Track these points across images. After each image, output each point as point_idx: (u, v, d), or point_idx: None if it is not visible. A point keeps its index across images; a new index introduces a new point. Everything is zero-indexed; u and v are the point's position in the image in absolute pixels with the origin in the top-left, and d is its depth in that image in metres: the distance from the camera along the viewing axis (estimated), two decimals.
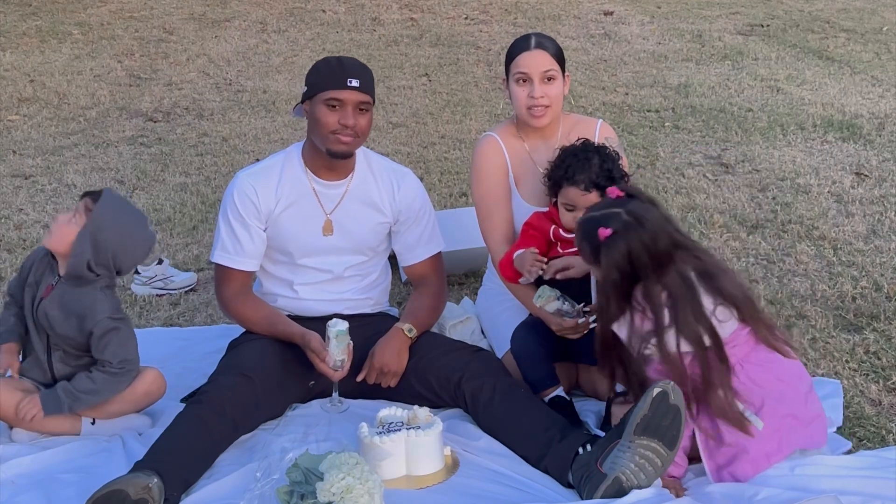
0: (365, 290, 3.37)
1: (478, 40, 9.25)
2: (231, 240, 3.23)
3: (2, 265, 4.46)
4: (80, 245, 2.99)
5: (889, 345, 3.58)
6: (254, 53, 8.81)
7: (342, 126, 3.11)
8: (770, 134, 6.22)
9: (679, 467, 2.76)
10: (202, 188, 5.44)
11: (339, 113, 3.11)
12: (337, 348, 3.05)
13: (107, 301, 3.07)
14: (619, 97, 7.23)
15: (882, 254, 4.36)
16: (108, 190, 3.10)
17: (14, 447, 3.02)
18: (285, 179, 3.24)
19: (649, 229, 2.73)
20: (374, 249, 3.35)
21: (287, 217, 3.23)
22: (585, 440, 2.82)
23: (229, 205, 3.23)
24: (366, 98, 3.14)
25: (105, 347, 3.03)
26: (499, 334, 3.46)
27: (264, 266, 3.33)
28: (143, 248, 3.12)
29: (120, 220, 3.04)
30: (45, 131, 6.63)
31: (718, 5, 10.55)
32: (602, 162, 3.17)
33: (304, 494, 2.63)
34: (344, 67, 3.14)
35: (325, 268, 3.29)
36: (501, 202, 3.46)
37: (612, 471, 2.63)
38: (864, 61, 8.09)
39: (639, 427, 2.63)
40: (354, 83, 3.10)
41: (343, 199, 3.27)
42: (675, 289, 2.69)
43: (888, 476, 2.69)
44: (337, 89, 3.10)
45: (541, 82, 3.35)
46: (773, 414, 2.71)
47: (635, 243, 2.71)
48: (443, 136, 6.37)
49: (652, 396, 2.62)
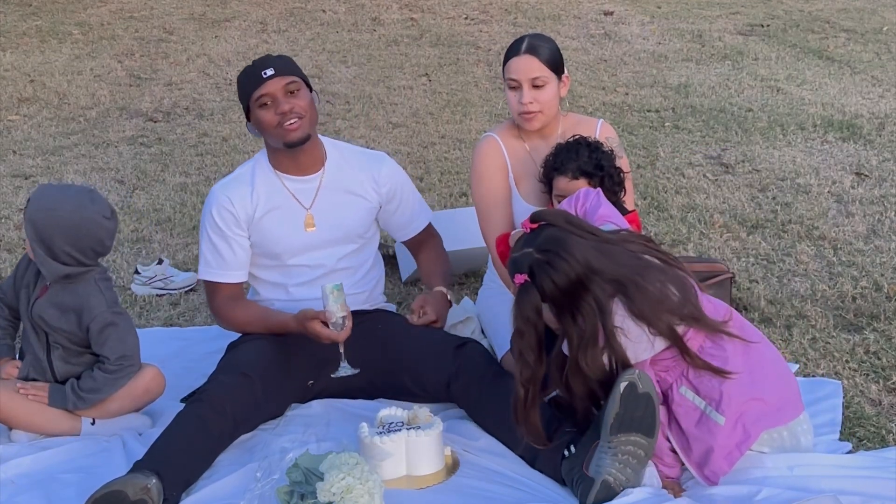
0: (359, 284, 3.38)
1: (478, 40, 9.25)
2: (213, 255, 3.25)
3: (2, 265, 4.47)
4: (36, 253, 3.00)
5: (889, 345, 3.58)
6: (254, 53, 8.80)
7: (280, 115, 3.14)
8: (770, 134, 6.21)
9: (673, 468, 2.75)
10: (202, 188, 5.44)
11: (273, 106, 3.15)
12: (335, 305, 3.00)
13: (102, 294, 3.06)
14: (619, 97, 7.23)
15: (882, 254, 4.36)
16: (38, 188, 3.09)
17: (14, 447, 3.02)
18: (258, 184, 3.26)
19: (559, 265, 2.62)
20: (362, 236, 3.36)
21: (268, 221, 3.25)
22: (569, 440, 2.80)
23: (208, 221, 3.25)
24: (288, 80, 3.16)
25: (104, 343, 3.03)
26: (499, 334, 3.46)
27: (256, 274, 3.34)
28: (94, 222, 2.99)
29: (52, 211, 2.97)
30: (45, 131, 6.63)
31: (718, 5, 10.55)
32: (591, 152, 3.21)
33: (304, 494, 2.63)
34: (255, 66, 3.20)
35: (316, 263, 3.29)
36: (501, 203, 3.46)
37: (598, 474, 2.62)
38: (864, 61, 8.09)
39: (614, 426, 2.62)
40: (269, 72, 3.14)
41: (319, 192, 3.28)
42: (588, 321, 2.62)
43: (888, 476, 2.69)
44: (257, 87, 3.15)
45: (529, 88, 3.35)
46: (733, 404, 2.68)
47: (547, 284, 2.62)
48: (443, 136, 6.37)
49: (620, 393, 2.61)
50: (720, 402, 2.68)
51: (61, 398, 3.04)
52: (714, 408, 2.68)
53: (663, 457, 2.74)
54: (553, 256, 2.63)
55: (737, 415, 2.69)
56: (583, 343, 2.63)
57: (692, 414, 2.71)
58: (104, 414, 3.11)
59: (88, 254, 3.02)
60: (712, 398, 2.69)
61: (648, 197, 5.13)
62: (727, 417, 2.67)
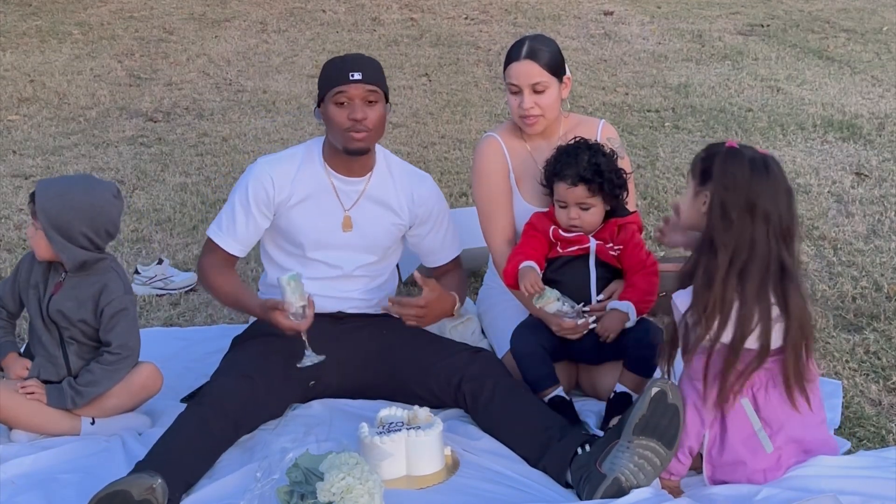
0: (372, 292, 3.36)
1: (478, 40, 9.25)
2: (228, 220, 3.25)
3: (2, 265, 4.46)
4: (57, 243, 3.01)
5: (889, 345, 3.58)
6: (254, 53, 8.81)
7: (352, 121, 3.11)
8: (770, 134, 6.22)
9: (682, 465, 2.74)
10: (202, 188, 5.44)
11: (348, 108, 3.12)
12: (293, 295, 2.99)
13: (120, 279, 3.12)
14: (619, 97, 7.23)
15: (882, 254, 4.36)
16: (41, 182, 3.11)
17: (14, 447, 3.02)
18: (304, 172, 3.25)
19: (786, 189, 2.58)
20: (385, 250, 3.35)
21: (301, 210, 3.23)
22: (584, 440, 2.81)
23: (241, 188, 3.25)
24: (372, 88, 3.13)
25: (112, 328, 3.05)
26: (499, 334, 3.46)
27: (273, 256, 3.34)
28: (106, 201, 3.06)
29: (64, 197, 3.02)
30: (45, 131, 6.63)
31: (718, 5, 10.55)
32: (591, 157, 3.19)
33: (304, 494, 2.63)
34: (346, 62, 3.17)
35: (335, 263, 3.29)
36: (503, 203, 3.46)
37: (612, 471, 2.62)
38: (864, 61, 8.09)
39: (637, 427, 2.62)
40: (357, 76, 3.11)
41: (361, 197, 3.27)
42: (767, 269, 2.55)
43: (888, 476, 2.69)
44: (340, 84, 3.11)
45: (530, 93, 3.35)
46: (785, 437, 2.70)
47: (763, 182, 2.56)
48: (443, 136, 6.37)
49: (651, 396, 2.61)
50: (777, 431, 2.68)
51: (59, 397, 3.04)
52: (768, 434, 2.68)
53: (677, 453, 2.72)
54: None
55: (781, 448, 2.69)
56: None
57: (743, 428, 2.68)
58: (102, 411, 3.11)
59: (103, 235, 3.06)
60: (771, 424, 2.68)
61: (648, 197, 5.13)
62: (774, 447, 2.68)
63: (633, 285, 3.22)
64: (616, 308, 3.16)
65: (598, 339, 3.16)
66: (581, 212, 3.20)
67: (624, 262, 3.25)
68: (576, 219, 3.21)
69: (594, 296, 3.23)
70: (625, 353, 3.15)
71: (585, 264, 3.24)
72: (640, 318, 3.18)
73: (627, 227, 3.25)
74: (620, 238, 3.24)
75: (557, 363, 3.22)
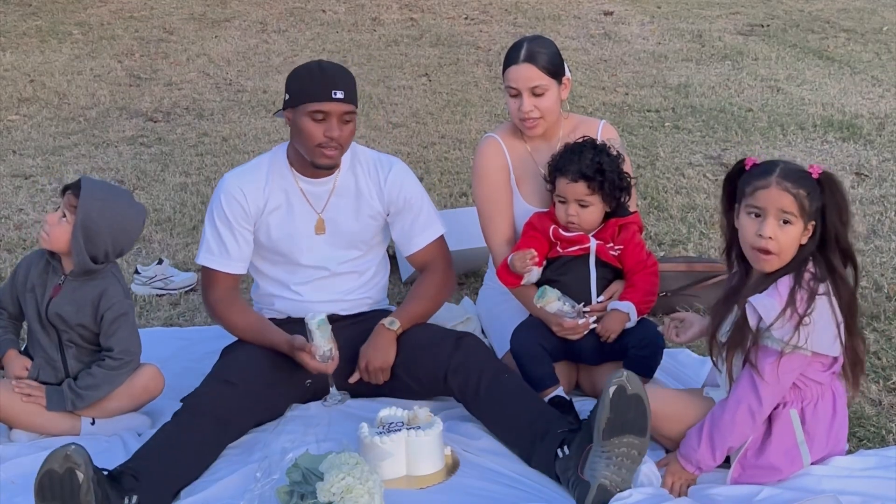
0: (363, 289, 3.36)
1: (478, 40, 9.25)
2: (216, 242, 3.21)
3: (2, 265, 4.46)
4: (77, 243, 3.00)
5: (889, 345, 3.58)
6: (254, 53, 8.81)
7: (328, 139, 3.08)
8: (770, 134, 6.22)
9: (713, 462, 2.73)
10: (202, 188, 5.44)
11: (325, 125, 3.07)
12: (321, 339, 3.03)
13: (119, 283, 3.12)
14: (619, 97, 7.23)
15: (882, 254, 4.36)
16: (86, 178, 3.09)
17: (14, 447, 3.02)
18: (273, 179, 3.23)
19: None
20: (367, 243, 3.33)
21: (277, 218, 3.23)
22: (561, 439, 2.79)
23: (216, 207, 3.22)
24: (350, 108, 3.09)
25: (113, 334, 3.05)
26: (499, 334, 3.46)
27: (260, 267, 3.33)
28: (137, 225, 3.11)
29: (107, 205, 3.03)
30: (45, 131, 6.63)
31: (718, 5, 10.55)
32: (595, 156, 3.19)
33: (304, 494, 2.63)
34: (327, 77, 3.08)
35: (321, 265, 3.28)
36: (503, 204, 3.46)
37: (594, 479, 2.62)
38: (864, 61, 8.09)
39: (606, 432, 2.61)
40: (339, 94, 3.05)
41: (332, 196, 3.26)
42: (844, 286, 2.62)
43: (888, 476, 2.70)
44: (322, 101, 3.06)
45: (529, 96, 3.34)
46: (822, 449, 2.74)
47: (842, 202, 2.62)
48: (443, 136, 6.37)
49: (609, 397, 2.60)
50: (816, 445, 2.71)
51: (59, 400, 3.04)
52: (809, 446, 2.70)
53: (714, 450, 2.70)
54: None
55: (815, 457, 2.74)
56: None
57: (786, 438, 2.70)
58: (103, 413, 3.11)
59: (117, 252, 3.08)
60: (814, 437, 2.70)
61: (648, 197, 5.13)
62: (812, 458, 2.72)
63: (633, 286, 3.22)
64: (617, 308, 3.16)
65: (598, 339, 3.17)
66: (579, 209, 3.20)
67: (624, 263, 3.25)
68: (574, 216, 3.21)
69: (594, 296, 3.24)
70: (625, 353, 3.15)
71: (586, 264, 3.25)
72: (641, 319, 3.19)
73: (628, 228, 3.25)
74: (621, 238, 3.24)
75: (557, 363, 3.22)
